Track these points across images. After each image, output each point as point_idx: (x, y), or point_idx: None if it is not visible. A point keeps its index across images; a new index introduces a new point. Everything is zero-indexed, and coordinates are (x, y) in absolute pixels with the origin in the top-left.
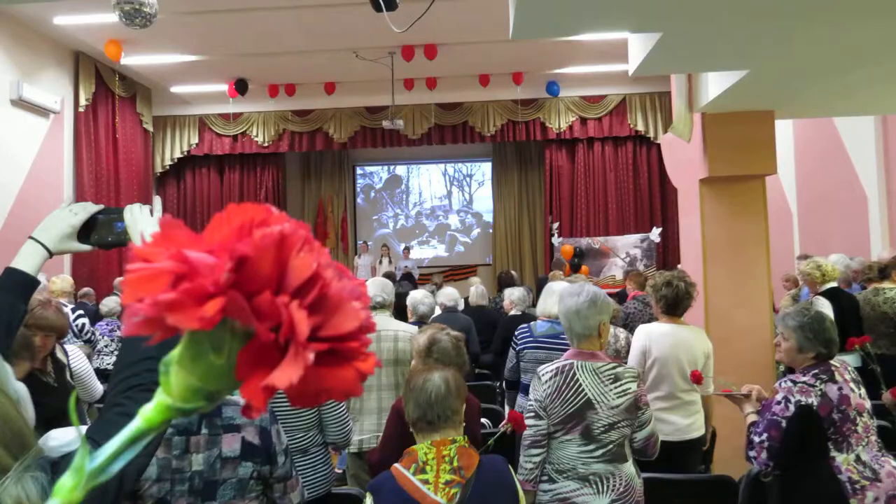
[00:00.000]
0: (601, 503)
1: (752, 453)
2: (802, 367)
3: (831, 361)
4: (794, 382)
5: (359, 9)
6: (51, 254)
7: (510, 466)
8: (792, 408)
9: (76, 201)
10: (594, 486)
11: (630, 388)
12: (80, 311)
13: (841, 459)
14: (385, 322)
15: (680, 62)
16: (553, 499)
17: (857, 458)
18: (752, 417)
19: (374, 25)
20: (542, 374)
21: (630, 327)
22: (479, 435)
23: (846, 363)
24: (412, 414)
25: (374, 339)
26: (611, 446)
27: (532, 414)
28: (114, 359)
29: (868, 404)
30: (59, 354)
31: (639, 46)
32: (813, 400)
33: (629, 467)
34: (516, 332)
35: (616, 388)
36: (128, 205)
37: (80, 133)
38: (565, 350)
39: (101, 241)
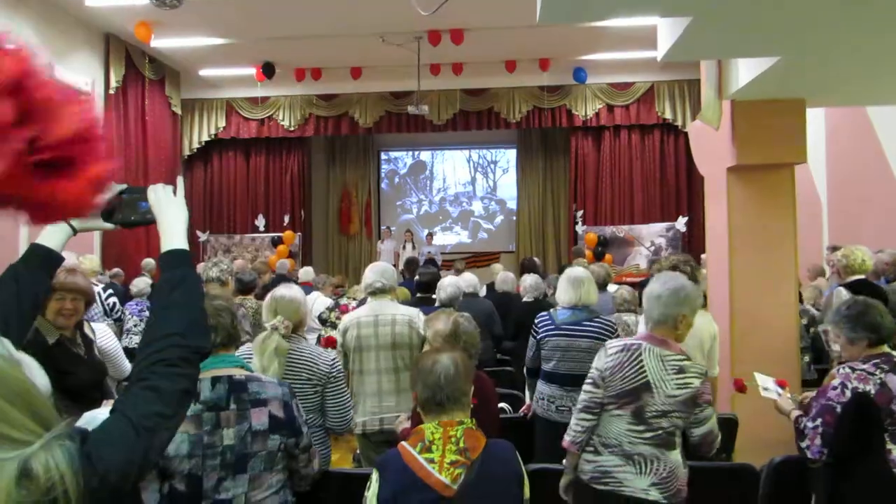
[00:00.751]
0: (641, 483)
1: (804, 443)
2: (862, 357)
3: (894, 352)
4: (853, 369)
5: None
6: (75, 231)
7: (517, 453)
8: (848, 394)
9: None
10: (637, 466)
11: (692, 383)
12: (111, 291)
13: None
14: (383, 307)
15: (710, 48)
16: (595, 470)
17: None
18: (797, 413)
19: (401, 10)
20: (609, 348)
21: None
22: (495, 413)
23: None
24: (421, 395)
25: (372, 324)
26: (660, 432)
27: (591, 381)
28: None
29: None
30: (87, 331)
31: (668, 32)
32: (871, 388)
33: (676, 455)
34: (536, 321)
35: (678, 378)
36: (151, 185)
37: (110, 115)
38: (587, 337)
39: (124, 219)
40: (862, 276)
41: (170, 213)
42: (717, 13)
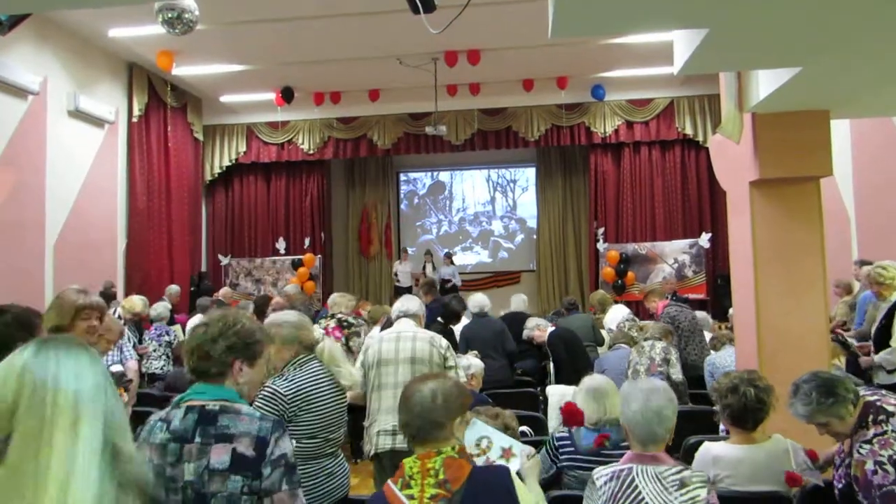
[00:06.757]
0: None
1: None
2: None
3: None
4: (868, 442)
5: (402, 15)
6: None
7: (512, 476)
8: (889, 468)
9: (129, 207)
10: None
11: (699, 496)
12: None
13: None
14: (407, 325)
15: (727, 60)
16: None
17: None
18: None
19: (418, 32)
20: (597, 479)
21: (679, 328)
22: None
23: None
24: (399, 423)
25: (394, 340)
26: None
27: None
28: (162, 363)
29: None
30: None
31: (684, 44)
32: None
33: None
34: (556, 442)
35: (683, 495)
36: None
37: (133, 142)
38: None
39: None
40: None
41: None
42: (733, 24)
